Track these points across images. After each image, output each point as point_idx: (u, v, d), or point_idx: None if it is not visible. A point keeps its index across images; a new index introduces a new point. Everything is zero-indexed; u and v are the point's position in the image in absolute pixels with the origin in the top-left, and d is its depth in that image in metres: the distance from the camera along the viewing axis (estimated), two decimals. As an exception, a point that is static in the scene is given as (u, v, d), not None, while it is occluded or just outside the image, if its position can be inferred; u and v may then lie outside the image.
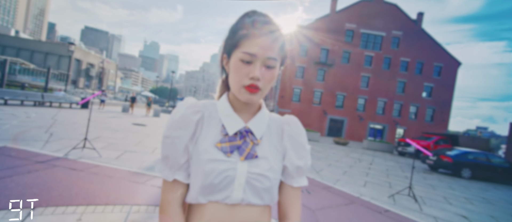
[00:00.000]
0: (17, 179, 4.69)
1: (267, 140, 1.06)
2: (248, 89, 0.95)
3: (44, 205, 3.85)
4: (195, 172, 0.98)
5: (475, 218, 7.20)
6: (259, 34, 0.93)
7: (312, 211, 5.47)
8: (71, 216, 3.66)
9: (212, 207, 0.96)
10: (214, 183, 0.93)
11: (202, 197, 0.96)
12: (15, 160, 5.76)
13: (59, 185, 4.72)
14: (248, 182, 0.96)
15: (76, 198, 4.28)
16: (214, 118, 1.05)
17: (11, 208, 3.62)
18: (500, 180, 16.76)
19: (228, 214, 0.96)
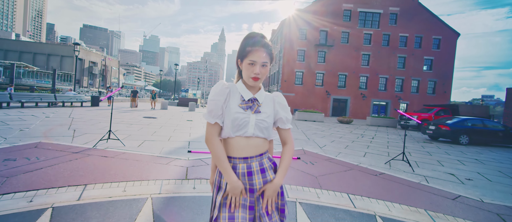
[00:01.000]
0: (63, 166, 5.57)
1: (264, 105, 1.89)
2: (253, 79, 1.78)
3: (93, 183, 4.71)
4: (227, 120, 1.80)
5: (461, 175, 8.02)
6: (257, 49, 1.75)
7: (315, 177, 6.31)
8: (117, 189, 4.52)
9: (237, 138, 1.81)
10: (239, 124, 1.77)
11: (232, 133, 1.80)
12: (55, 152, 6.64)
13: (98, 168, 5.59)
14: (256, 124, 1.80)
15: (117, 177, 5.15)
16: (235, 92, 1.87)
17: (69, 185, 4.48)
18: (496, 143, 17.70)
19: (246, 142, 1.81)
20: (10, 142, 7.34)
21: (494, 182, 7.45)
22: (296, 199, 4.80)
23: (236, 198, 1.73)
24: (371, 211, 4.53)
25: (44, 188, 4.30)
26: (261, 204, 1.79)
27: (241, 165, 1.78)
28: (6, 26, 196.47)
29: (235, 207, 1.73)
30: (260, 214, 1.77)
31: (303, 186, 5.57)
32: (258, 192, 1.80)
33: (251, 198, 1.78)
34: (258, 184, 1.79)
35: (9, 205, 3.65)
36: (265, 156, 1.87)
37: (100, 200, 4.04)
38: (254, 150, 1.80)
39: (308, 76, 47.56)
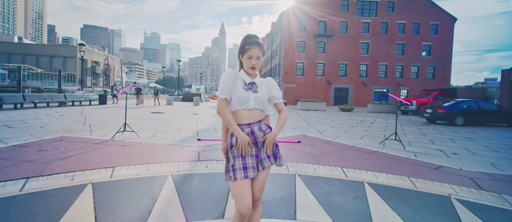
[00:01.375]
0: (90, 153, 6.32)
1: (260, 86, 2.57)
2: (251, 68, 2.47)
3: (119, 165, 5.46)
4: (234, 97, 2.49)
5: (449, 151, 8.71)
6: (253, 47, 2.44)
7: (313, 156, 7.03)
8: (141, 169, 5.26)
9: (242, 111, 2.50)
10: (243, 100, 2.47)
11: (238, 106, 2.49)
12: (79, 143, 7.39)
13: (121, 154, 6.33)
14: (255, 100, 2.49)
15: (138, 160, 5.89)
16: (239, 78, 2.55)
17: (100, 168, 5.23)
18: (491, 123, 18.54)
19: (249, 113, 2.49)
20: (37, 137, 8.10)
21: (478, 155, 8.16)
22: (295, 172, 5.52)
23: (245, 148, 2.43)
24: (360, 179, 5.25)
25: (80, 170, 5.06)
26: (262, 150, 2.50)
27: (246, 129, 2.49)
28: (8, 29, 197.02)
29: (245, 153, 2.43)
30: (261, 158, 2.48)
31: (302, 163, 6.30)
32: (262, 140, 2.51)
33: (256, 149, 2.50)
34: (259, 137, 2.50)
35: (55, 183, 4.41)
36: (263, 122, 2.58)
37: (129, 177, 4.79)
38: (254, 118, 2.51)
39: (308, 67, 48.15)
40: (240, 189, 2.36)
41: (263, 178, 2.52)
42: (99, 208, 3.60)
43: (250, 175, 2.39)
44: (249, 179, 2.43)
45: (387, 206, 4.07)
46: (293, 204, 4.04)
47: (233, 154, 2.46)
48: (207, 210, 3.72)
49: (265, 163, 2.46)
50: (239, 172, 2.39)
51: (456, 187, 5.00)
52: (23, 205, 3.59)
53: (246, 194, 2.36)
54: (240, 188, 2.36)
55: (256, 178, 2.49)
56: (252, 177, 2.40)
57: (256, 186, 2.51)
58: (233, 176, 2.40)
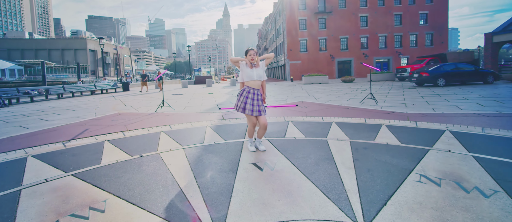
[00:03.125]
0: (148, 120, 9.17)
1: (260, 66, 5.29)
2: (251, 60, 5.21)
3: (172, 123, 8.29)
4: (243, 73, 5.25)
5: (410, 104, 11.39)
6: (249, 51, 5.23)
7: (304, 113, 9.80)
8: (187, 125, 8.09)
9: (249, 82, 5.27)
10: (249, 75, 5.22)
11: (246, 79, 5.25)
12: (134, 116, 10.26)
13: (168, 119, 9.17)
14: (256, 74, 5.22)
15: (182, 121, 8.74)
16: (245, 63, 5.29)
17: (160, 125, 8.06)
18: (469, 82, 21.16)
19: (253, 82, 5.23)
20: (101, 114, 10.97)
21: (430, 104, 10.85)
22: (289, 121, 8.32)
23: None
24: (331, 121, 8.02)
25: (149, 126, 7.91)
26: (259, 104, 5.22)
27: (251, 89, 5.18)
28: (16, 26, 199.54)
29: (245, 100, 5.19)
30: (259, 110, 5.16)
31: (296, 116, 9.08)
32: (256, 98, 5.25)
33: (252, 102, 5.15)
34: (256, 95, 5.17)
35: (140, 132, 7.26)
36: (259, 90, 5.25)
37: (182, 128, 7.64)
38: (256, 85, 5.18)
39: (311, 43, 50.46)
40: (249, 117, 5.17)
41: (264, 117, 5.14)
42: (175, 139, 6.44)
43: (247, 112, 5.08)
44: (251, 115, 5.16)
45: (339, 130, 6.84)
46: (284, 132, 6.83)
47: (240, 100, 5.17)
48: (234, 136, 6.53)
49: (257, 113, 5.09)
50: (238, 109, 5.16)
51: (392, 121, 7.74)
52: (133, 141, 6.45)
53: (251, 118, 5.17)
54: (249, 117, 5.17)
55: (259, 118, 5.14)
56: (249, 114, 5.09)
57: (261, 120, 5.11)
58: (236, 108, 5.20)
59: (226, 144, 5.88)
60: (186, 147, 5.70)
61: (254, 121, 5.19)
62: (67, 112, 11.91)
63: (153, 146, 5.88)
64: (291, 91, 21.54)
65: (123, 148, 5.72)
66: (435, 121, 7.45)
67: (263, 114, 5.11)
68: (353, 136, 6.20)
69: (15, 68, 70.01)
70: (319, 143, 5.74)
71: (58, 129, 7.94)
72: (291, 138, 6.24)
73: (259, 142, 5.44)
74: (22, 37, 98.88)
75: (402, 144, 5.50)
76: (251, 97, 5.10)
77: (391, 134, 6.29)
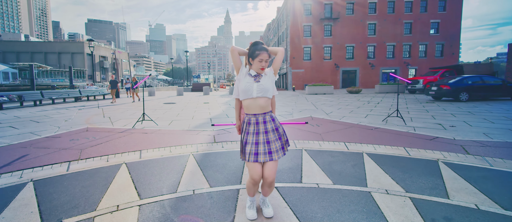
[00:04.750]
0: (117, 140, 7.03)
1: (265, 78, 3.13)
2: (261, 69, 3.05)
3: (145, 149, 6.15)
4: (238, 85, 3.13)
5: (448, 124, 9.29)
6: (263, 52, 3.02)
7: (319, 134, 7.67)
8: (165, 151, 5.95)
9: (245, 102, 3.10)
10: (245, 90, 3.05)
11: (242, 97, 3.10)
12: (104, 133, 8.12)
13: (144, 140, 7.03)
14: (258, 87, 3.04)
15: (161, 144, 6.59)
16: (245, 69, 3.16)
17: (129, 151, 5.93)
18: (495, 97, 18.93)
19: (252, 103, 3.07)
20: (65, 129, 8.85)
21: (474, 127, 8.73)
22: (302, 148, 6.18)
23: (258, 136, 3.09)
24: (360, 151, 5.88)
25: (112, 153, 5.78)
26: (274, 143, 3.08)
27: (253, 119, 3.10)
28: (14, 28, 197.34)
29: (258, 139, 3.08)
30: (274, 150, 3.05)
31: (309, 140, 6.94)
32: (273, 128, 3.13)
33: (266, 137, 3.06)
34: (268, 124, 3.10)
35: (94, 164, 5.12)
36: (267, 115, 3.15)
37: (155, 158, 5.49)
38: (257, 108, 3.08)
39: (315, 51, 48.40)
40: (253, 166, 3.02)
41: (275, 165, 3.04)
42: (136, 180, 4.30)
43: (260, 160, 2.98)
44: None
45: (381, 170, 4.70)
46: (300, 172, 4.69)
47: (248, 141, 3.06)
48: (226, 179, 4.39)
49: (276, 156, 3.03)
50: (252, 156, 3.00)
51: (446, 153, 5.62)
52: (74, 181, 4.31)
53: (258, 169, 3.01)
54: (253, 165, 3.02)
55: (268, 165, 3.04)
56: (262, 161, 3.02)
57: (268, 170, 3.02)
58: (247, 159, 3.03)
59: (211, 197, 3.75)
60: (145, 203, 3.55)
61: (259, 174, 3.07)
62: (27, 125, 9.77)
63: (96, 196, 3.75)
64: (295, 102, 19.45)
65: (44, 202, 3.59)
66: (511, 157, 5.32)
67: (280, 154, 3.07)
68: (409, 186, 4.07)
69: (9, 71, 68.01)
70: (360, 201, 3.60)
71: (-14, 154, 5.81)
72: (313, 186, 4.10)
73: (263, 200, 3.33)
74: (18, 40, 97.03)
75: (505, 210, 3.33)
76: (264, 130, 3.07)
77: (465, 182, 4.17)
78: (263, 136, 3.03)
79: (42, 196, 3.78)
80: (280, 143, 3.10)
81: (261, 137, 3.02)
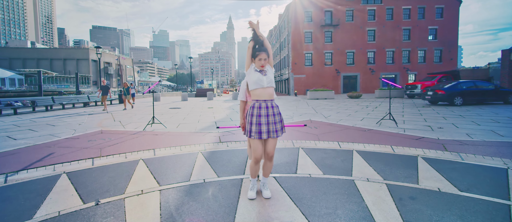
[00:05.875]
0: (131, 141, 7.74)
1: (269, 72, 3.86)
2: (261, 67, 3.79)
3: (158, 147, 6.85)
4: (249, 79, 3.82)
5: (436, 126, 9.94)
6: (262, 53, 3.75)
7: (316, 135, 8.35)
8: (176, 149, 6.66)
9: (257, 91, 3.80)
10: (258, 81, 3.75)
11: (254, 87, 3.79)
12: (118, 134, 8.83)
13: (155, 141, 7.73)
14: (268, 79, 3.78)
15: (172, 144, 7.30)
16: (252, 67, 3.88)
17: (143, 150, 6.63)
18: (488, 101, 19.48)
19: (264, 91, 3.78)
20: (81, 131, 9.57)
21: (460, 128, 9.38)
22: (299, 146, 6.87)
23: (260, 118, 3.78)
24: (351, 149, 6.57)
25: (128, 151, 6.49)
26: (274, 125, 3.79)
27: (263, 103, 3.77)
28: (20, 35, 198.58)
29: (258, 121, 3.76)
30: (273, 130, 3.76)
31: (306, 140, 7.63)
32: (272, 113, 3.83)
33: (267, 119, 3.76)
34: (272, 109, 3.78)
35: (115, 160, 5.83)
36: (273, 101, 3.86)
37: (168, 155, 6.20)
38: (268, 95, 3.77)
39: (317, 57, 49.14)
40: (256, 144, 3.72)
41: (274, 142, 3.80)
42: (154, 172, 5.00)
43: (264, 137, 3.69)
44: (262, 140, 3.76)
45: (366, 164, 5.39)
46: (295, 165, 5.38)
47: (253, 122, 3.74)
48: (232, 170, 5.09)
49: (275, 135, 3.76)
50: (255, 134, 3.70)
51: (426, 150, 6.29)
52: (100, 173, 5.02)
53: (260, 147, 3.72)
54: (256, 143, 3.72)
55: (269, 142, 3.78)
56: (266, 137, 3.71)
57: (269, 147, 3.78)
58: (249, 134, 3.74)
59: (219, 183, 4.44)
60: (164, 188, 4.26)
61: (261, 152, 3.79)
62: (44, 128, 10.50)
63: (122, 184, 4.46)
64: (297, 106, 20.13)
65: (80, 188, 4.30)
66: (484, 154, 5.97)
67: (280, 134, 3.81)
68: (387, 175, 4.75)
69: (15, 77, 69.01)
70: (344, 186, 4.29)
71: (17, 153, 6.50)
72: (305, 176, 4.79)
73: (263, 184, 4.03)
74: (24, 46, 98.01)
75: (460, 192, 4.02)
76: (266, 113, 3.74)
77: (436, 172, 4.84)
78: (265, 119, 3.70)
79: (77, 184, 4.49)
80: (281, 125, 3.82)
81: (263, 119, 3.70)
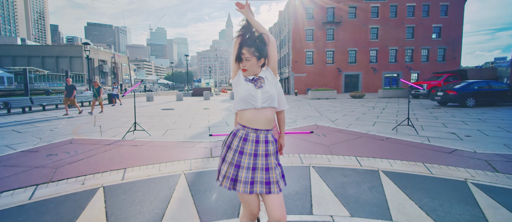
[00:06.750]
0: (101, 155, 6.29)
1: (267, 83, 2.33)
2: (243, 70, 2.32)
3: (131, 166, 5.41)
4: (235, 91, 2.34)
5: (462, 133, 8.64)
6: (244, 48, 2.23)
7: (326, 146, 6.93)
8: (153, 170, 5.21)
9: (245, 113, 2.28)
10: (245, 97, 2.23)
11: (240, 106, 2.27)
12: (89, 146, 7.37)
13: (132, 155, 6.29)
14: (263, 94, 2.26)
15: (150, 160, 5.85)
16: (240, 75, 2.35)
17: (111, 170, 5.19)
18: (502, 103, 18.35)
19: (254, 115, 2.28)
20: (47, 141, 8.10)
21: (491, 136, 8.10)
22: (309, 164, 5.44)
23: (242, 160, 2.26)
24: (375, 168, 5.15)
25: (90, 173, 5.03)
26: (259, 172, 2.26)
27: (249, 133, 2.32)
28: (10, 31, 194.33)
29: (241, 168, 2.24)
30: (262, 170, 2.25)
31: (316, 154, 6.21)
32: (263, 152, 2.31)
33: (253, 161, 2.24)
34: (262, 145, 2.28)
35: (66, 188, 4.38)
36: (269, 133, 2.35)
37: (141, 179, 4.75)
38: (260, 122, 2.30)
39: (318, 55, 47.85)
40: (242, 197, 2.24)
41: (278, 201, 2.19)
42: (111, 213, 3.55)
43: (240, 189, 2.17)
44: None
45: (403, 195, 3.97)
46: (309, 197, 3.95)
47: (228, 159, 2.28)
48: (222, 209, 3.64)
49: (274, 189, 2.19)
50: (224, 180, 2.23)
51: (472, 171, 4.91)
52: (32, 215, 3.55)
53: (253, 199, 2.25)
54: (243, 196, 2.24)
55: (270, 200, 2.18)
56: (242, 192, 2.18)
57: (272, 207, 2.16)
58: (217, 176, 2.33)
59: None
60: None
61: (254, 209, 2.29)
62: (6, 136, 8.98)
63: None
64: (299, 107, 18.74)
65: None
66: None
67: (276, 191, 2.19)
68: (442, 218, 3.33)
69: (4, 75, 66.97)
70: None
71: None
72: (327, 220, 3.36)
73: None
74: (14, 43, 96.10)
75: None
76: (253, 151, 2.24)
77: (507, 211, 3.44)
78: (249, 160, 2.23)
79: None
80: (279, 171, 2.31)
81: (245, 160, 2.24)
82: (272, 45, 2.35)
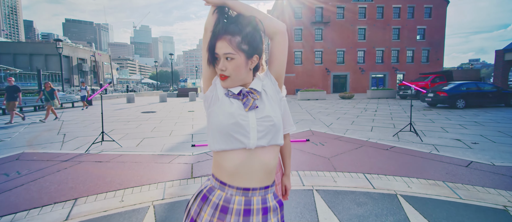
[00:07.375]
0: (49, 178, 5.07)
1: (264, 97, 1.35)
2: (221, 77, 1.32)
3: (85, 195, 4.25)
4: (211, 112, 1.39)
5: (467, 139, 8.20)
6: (219, 38, 1.31)
7: (327, 159, 5.95)
8: (113, 200, 4.06)
9: (228, 156, 1.24)
10: (225, 126, 1.23)
11: (218, 141, 1.27)
12: (40, 163, 6.11)
13: (91, 176, 5.11)
14: (257, 127, 1.26)
15: (113, 185, 4.68)
16: (217, 87, 1.40)
17: (55, 203, 4.02)
18: (491, 104, 18.62)
19: (249, 156, 1.24)
20: (-7, 156, 6.80)
21: (498, 143, 7.68)
22: (312, 186, 4.44)
23: None
24: (392, 191, 4.21)
25: (24, 209, 3.81)
26: None
27: (231, 193, 1.29)
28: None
29: None
30: None
31: (318, 170, 5.27)
32: None
33: None
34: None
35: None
36: (269, 190, 1.35)
37: (92, 217, 3.56)
38: (256, 169, 1.29)
39: (307, 55, 47.28)
40: None
41: None
42: None
43: None
44: None
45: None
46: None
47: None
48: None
49: None
50: None
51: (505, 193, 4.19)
52: None
53: None
54: None
55: None
56: None
57: None
58: None
59: None
60: None
61: None
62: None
63: None
64: (289, 109, 17.66)
65: None
66: None
67: None
68: None
69: (-34, 73, 63.53)
70: None
71: None
72: None
73: None
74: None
75: None
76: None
77: None
78: None
79: None
80: None
81: None
82: (279, 36, 1.38)
